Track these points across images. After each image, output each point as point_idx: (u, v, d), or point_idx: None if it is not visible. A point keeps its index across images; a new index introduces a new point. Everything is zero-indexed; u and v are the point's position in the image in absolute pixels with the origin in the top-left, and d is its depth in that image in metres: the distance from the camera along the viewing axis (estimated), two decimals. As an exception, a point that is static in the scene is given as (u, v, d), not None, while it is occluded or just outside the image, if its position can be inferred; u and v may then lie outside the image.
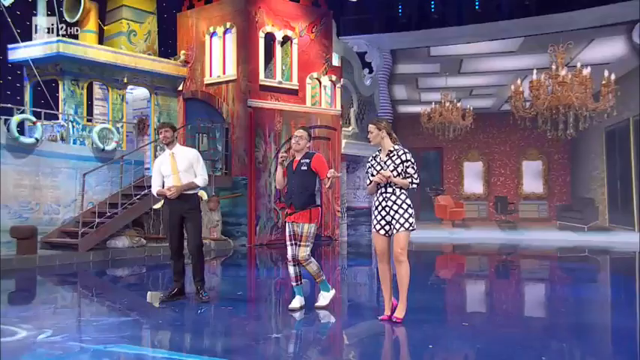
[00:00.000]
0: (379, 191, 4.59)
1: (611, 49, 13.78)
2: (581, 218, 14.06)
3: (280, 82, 12.48)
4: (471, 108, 14.56)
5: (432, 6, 14.37)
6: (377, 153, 4.71)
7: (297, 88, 12.77)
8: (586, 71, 12.56)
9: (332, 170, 4.91)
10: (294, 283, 5.18)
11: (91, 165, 10.36)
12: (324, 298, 5.22)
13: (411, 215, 4.52)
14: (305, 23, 13.00)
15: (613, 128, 13.60)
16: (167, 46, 13.56)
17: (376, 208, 4.64)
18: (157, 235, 10.40)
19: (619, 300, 6.75)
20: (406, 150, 4.60)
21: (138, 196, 9.74)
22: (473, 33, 14.65)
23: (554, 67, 12.85)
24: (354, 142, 14.37)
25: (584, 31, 13.69)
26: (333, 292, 5.31)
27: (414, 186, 4.58)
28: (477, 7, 13.98)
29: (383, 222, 4.57)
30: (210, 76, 12.63)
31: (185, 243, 5.59)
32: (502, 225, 15.02)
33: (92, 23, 11.76)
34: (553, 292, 7.41)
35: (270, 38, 12.44)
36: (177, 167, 5.36)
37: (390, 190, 4.52)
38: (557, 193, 14.55)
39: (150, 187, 9.88)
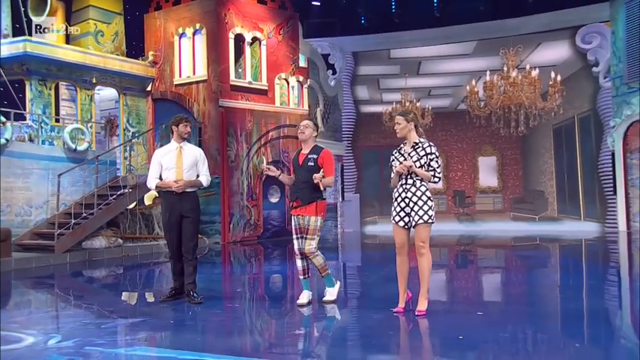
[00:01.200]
0: (399, 182, 4.46)
1: (556, 52, 14.42)
2: (532, 209, 14.67)
3: (250, 83, 12.42)
4: (430, 107, 14.88)
5: (393, 10, 14.60)
6: (401, 145, 4.59)
7: (266, 88, 12.74)
8: (534, 73, 13.04)
9: (320, 176, 4.69)
10: (301, 277, 5.01)
11: (63, 166, 10.00)
12: (330, 293, 5.06)
13: (430, 207, 4.38)
14: (273, 25, 12.99)
15: (560, 125, 14.25)
16: (134, 47, 13.21)
17: (395, 199, 4.49)
18: (134, 235, 10.15)
19: (581, 283, 7.13)
20: (431, 143, 4.48)
21: (114, 196, 9.47)
22: (431, 36, 15.01)
23: (505, 68, 13.29)
24: (321, 140, 14.42)
25: (532, 35, 14.25)
26: (338, 285, 5.16)
27: (436, 180, 4.43)
28: (435, 13, 14.31)
29: (402, 214, 4.42)
30: (180, 76, 12.41)
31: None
32: (461, 217, 15.48)
33: (59, 23, 11.32)
34: (508, 278, 7.78)
35: (239, 39, 12.35)
36: (182, 162, 5.09)
37: (410, 181, 4.38)
38: (510, 186, 15.13)
39: (125, 186, 9.80)
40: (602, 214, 13.68)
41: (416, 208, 4.36)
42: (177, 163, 5.10)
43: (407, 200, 4.40)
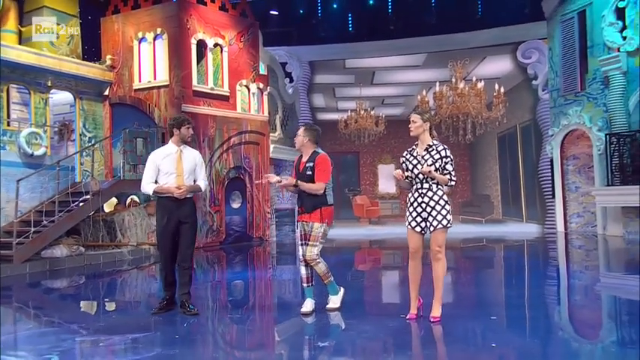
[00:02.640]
0: (414, 187, 4.25)
1: (500, 65, 15.04)
2: (479, 212, 15.17)
3: (212, 88, 12.08)
4: (383, 116, 15.10)
5: (350, 22, 14.71)
6: (413, 147, 4.36)
7: (228, 94, 12.44)
8: (480, 84, 13.55)
9: (282, 180, 4.64)
10: (305, 285, 4.76)
11: (18, 171, 9.27)
12: (333, 302, 4.83)
13: (448, 212, 4.21)
14: (234, 32, 12.71)
15: (504, 134, 14.85)
16: (91, 51, 12.53)
17: (411, 204, 4.28)
18: (96, 243, 9.55)
19: (523, 279, 7.54)
20: (445, 146, 4.29)
21: (76, 203, 8.88)
22: (384, 48, 15.24)
23: (453, 80, 13.73)
24: (280, 146, 14.30)
25: (478, 49, 14.78)
26: (342, 292, 4.92)
27: (452, 183, 4.24)
28: (390, 25, 14.55)
29: (419, 219, 4.23)
30: (140, 81, 11.87)
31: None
32: (413, 221, 15.75)
33: (12, 23, 10.56)
34: (457, 275, 7.84)
35: (201, 45, 12.00)
36: (182, 167, 4.72)
37: (426, 185, 4.19)
38: (459, 190, 15.57)
39: (89, 192, 9.21)
40: (542, 216, 14.34)
41: (434, 212, 4.18)
42: (178, 168, 4.73)
43: (424, 205, 4.21)
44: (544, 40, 14.22)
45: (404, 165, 4.33)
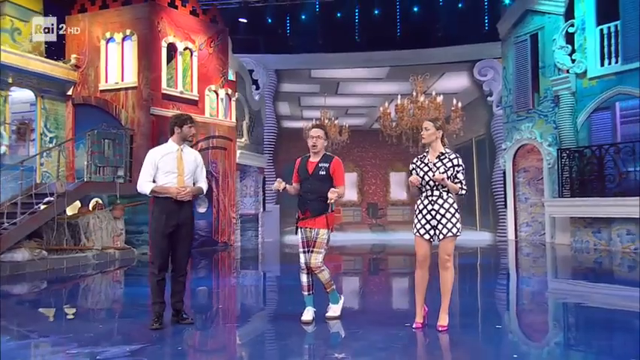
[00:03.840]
0: (424, 194, 4.12)
1: (458, 81, 15.45)
2: (436, 220, 15.44)
3: (182, 92, 11.73)
4: (347, 125, 15.13)
5: (317, 33, 14.72)
6: (424, 154, 4.23)
7: (197, 98, 12.11)
8: (439, 99, 13.80)
9: (336, 192, 4.28)
10: (305, 293, 4.51)
11: (-24, 171, 8.63)
12: (334, 310, 4.61)
13: (458, 220, 4.10)
14: (204, 37, 12.42)
15: (460, 146, 15.21)
16: (54, 49, 11.89)
17: (420, 211, 4.15)
18: (59, 246, 8.98)
19: (475, 283, 7.82)
20: (457, 155, 4.19)
21: (39, 205, 8.33)
22: (349, 60, 15.34)
23: (414, 93, 13.95)
24: (246, 152, 14.07)
25: (437, 65, 15.14)
26: (342, 301, 4.70)
27: (463, 192, 4.14)
28: (356, 38, 14.67)
29: (428, 226, 4.11)
30: (107, 82, 11.36)
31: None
32: (373, 227, 15.87)
33: (-29, 16, 9.86)
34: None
35: (171, 49, 11.64)
36: (183, 167, 4.40)
37: (436, 193, 4.07)
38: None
39: (53, 194, 8.66)
40: (495, 225, 14.80)
41: (444, 220, 4.07)
42: (179, 167, 4.39)
43: (433, 213, 4.09)
44: (499, 59, 14.73)
45: (414, 172, 4.20)
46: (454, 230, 4.08)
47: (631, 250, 10.31)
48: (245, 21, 14.21)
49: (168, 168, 4.38)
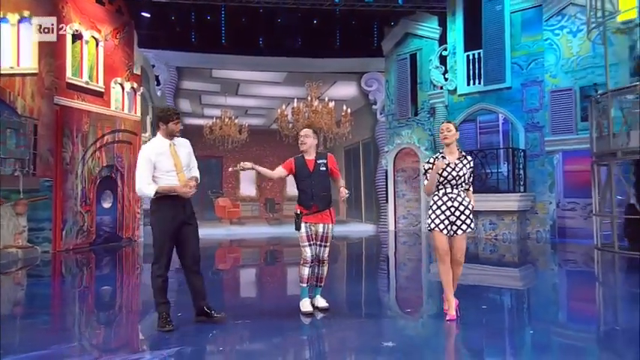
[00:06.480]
0: (442, 191, 4.14)
1: (347, 90, 16.26)
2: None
3: (87, 83, 10.65)
4: (247, 125, 15.04)
5: (221, 33, 14.36)
6: (437, 155, 4.24)
7: (103, 90, 11.09)
8: (331, 104, 14.46)
9: (346, 191, 4.40)
10: (304, 285, 4.48)
11: None
12: (323, 300, 4.65)
13: (473, 218, 4.18)
14: (110, 28, 11.41)
15: (349, 148, 16.08)
16: None
17: (439, 207, 4.14)
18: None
19: (361, 268, 8.46)
20: (472, 157, 4.34)
21: None
22: (249, 62, 15.22)
23: (309, 98, 14.43)
24: (150, 147, 13.16)
25: (330, 74, 15.77)
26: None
27: (470, 191, 4.29)
28: (259, 43, 14.62)
29: (447, 222, 4.11)
30: (-1, 66, 9.82)
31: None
32: (270, 221, 15.97)
33: None
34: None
35: (76, 37, 10.47)
36: (181, 163, 4.03)
37: (455, 191, 4.11)
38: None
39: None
40: (377, 218, 15.94)
41: (462, 217, 4.12)
42: (177, 165, 4.02)
43: (452, 209, 4.12)
44: (383, 73, 15.88)
45: (429, 172, 4.20)
46: (472, 226, 4.18)
47: (492, 237, 11.99)
48: (148, 15, 13.29)
49: (167, 167, 3.99)
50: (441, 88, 13.72)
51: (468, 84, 13.22)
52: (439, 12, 14.03)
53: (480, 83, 13.00)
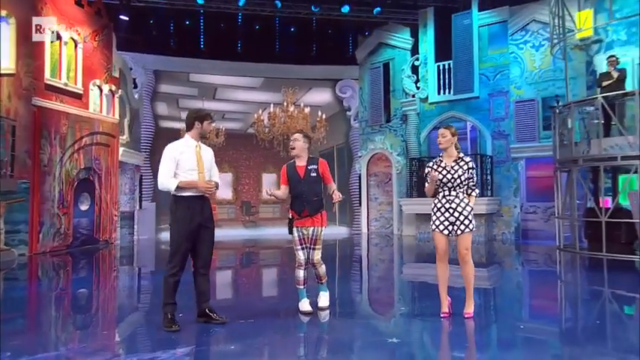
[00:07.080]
0: (441, 194, 4.26)
1: (322, 96, 16.50)
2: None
3: (66, 84, 10.45)
4: (224, 128, 15.03)
5: (198, 38, 14.33)
6: (438, 159, 4.34)
7: (81, 92, 10.90)
8: (307, 110, 14.66)
9: (339, 194, 4.41)
10: (300, 287, 4.53)
11: None
12: (325, 299, 4.66)
13: (473, 217, 4.24)
14: (89, 30, 11.24)
15: (324, 152, 16.27)
16: None
17: (438, 209, 4.27)
18: None
19: (335, 265, 8.69)
20: (471, 158, 4.34)
21: None
22: (227, 67, 15.25)
23: (285, 103, 14.59)
24: (128, 150, 13.03)
25: (306, 80, 15.98)
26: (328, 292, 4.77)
27: (475, 193, 4.31)
28: (238, 48, 14.67)
29: (446, 222, 4.22)
30: (-26, 65, 9.53)
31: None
32: (246, 224, 15.98)
33: None
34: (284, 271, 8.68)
35: (56, 37, 10.28)
36: (203, 165, 4.06)
37: (453, 193, 4.22)
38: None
39: None
40: (351, 220, 16.21)
41: (461, 217, 4.20)
42: (200, 165, 4.03)
43: (451, 210, 4.22)
44: (357, 80, 16.21)
45: (429, 175, 4.28)
46: (471, 226, 4.23)
47: (461, 238, 12.41)
48: (126, 19, 13.15)
49: (190, 165, 4.01)
50: (413, 96, 14.14)
51: (439, 93, 13.69)
52: (411, 24, 14.48)
53: (450, 92, 13.48)
